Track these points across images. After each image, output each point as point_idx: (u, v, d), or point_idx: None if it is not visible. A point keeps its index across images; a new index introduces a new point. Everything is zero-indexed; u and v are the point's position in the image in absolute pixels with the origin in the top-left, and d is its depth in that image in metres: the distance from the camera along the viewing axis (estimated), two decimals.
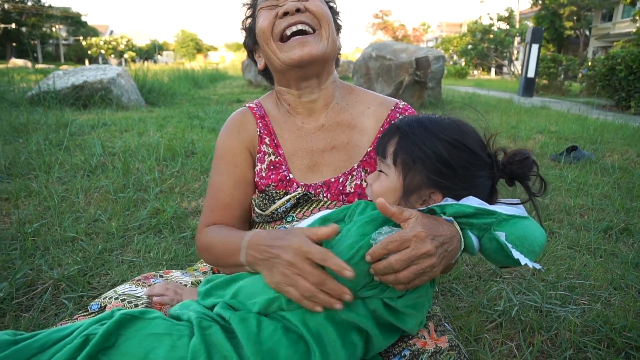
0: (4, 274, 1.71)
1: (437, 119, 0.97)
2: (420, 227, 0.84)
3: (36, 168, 2.97)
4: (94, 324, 0.84)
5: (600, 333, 1.44)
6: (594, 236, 2.26)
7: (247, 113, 1.27)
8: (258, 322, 0.85)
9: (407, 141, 0.93)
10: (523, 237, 0.88)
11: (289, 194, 1.18)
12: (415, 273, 0.83)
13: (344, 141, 1.21)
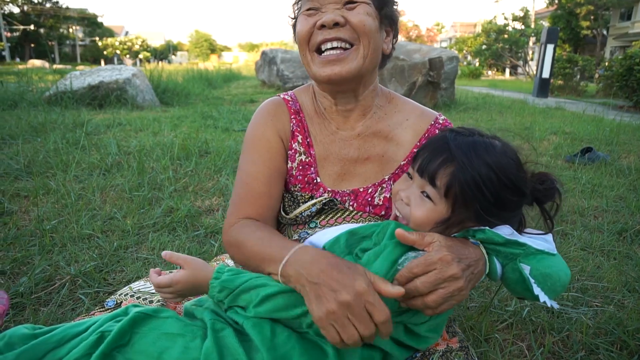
0: (24, 269, 1.75)
1: (491, 144, 0.89)
2: (446, 250, 0.82)
3: (54, 167, 3.03)
4: (109, 320, 0.88)
5: (613, 335, 1.43)
6: (607, 238, 2.24)
7: (281, 104, 1.20)
8: (272, 328, 0.85)
9: (464, 176, 0.86)
10: (547, 275, 0.87)
11: (315, 198, 1.15)
12: (443, 297, 0.81)
13: (378, 153, 1.16)
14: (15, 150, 3.37)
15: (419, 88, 7.57)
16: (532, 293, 0.87)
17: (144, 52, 52.87)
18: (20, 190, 2.59)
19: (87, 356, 0.81)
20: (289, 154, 1.17)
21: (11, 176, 2.80)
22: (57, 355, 0.83)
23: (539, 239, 0.92)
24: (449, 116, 6.84)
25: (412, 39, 52.93)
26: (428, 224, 0.90)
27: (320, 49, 1.04)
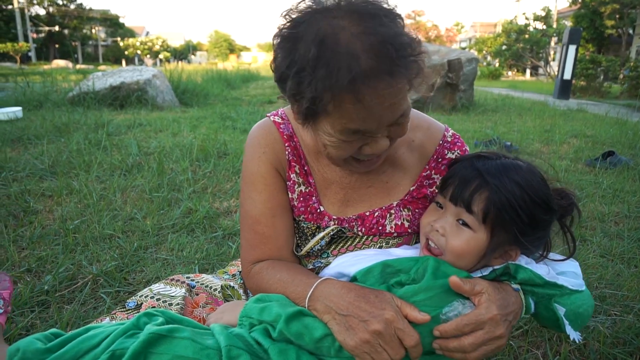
0: (48, 267, 1.81)
1: (518, 166, 0.91)
2: (495, 309, 0.83)
3: (77, 167, 3.10)
4: (121, 335, 0.88)
5: (632, 345, 1.41)
6: (628, 245, 2.21)
7: (272, 131, 1.11)
8: (297, 356, 0.86)
9: (499, 199, 0.87)
10: (579, 314, 0.91)
11: (321, 228, 1.11)
12: (485, 353, 0.83)
13: (383, 180, 1.10)
14: (40, 150, 3.46)
15: (437, 90, 7.53)
16: (561, 329, 0.90)
17: (164, 52, 53.56)
18: (45, 189, 2.66)
19: None
20: (287, 184, 1.11)
21: (36, 176, 2.88)
22: None
23: (570, 274, 0.94)
24: (467, 118, 6.82)
25: (431, 39, 52.59)
26: (468, 253, 0.90)
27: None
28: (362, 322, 0.82)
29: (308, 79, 0.78)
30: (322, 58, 0.76)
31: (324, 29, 0.77)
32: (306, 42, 0.78)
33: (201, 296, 1.31)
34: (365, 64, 0.75)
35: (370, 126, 0.84)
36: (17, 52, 36.49)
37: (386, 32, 0.77)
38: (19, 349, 0.90)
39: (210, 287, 1.36)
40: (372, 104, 0.79)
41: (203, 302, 1.29)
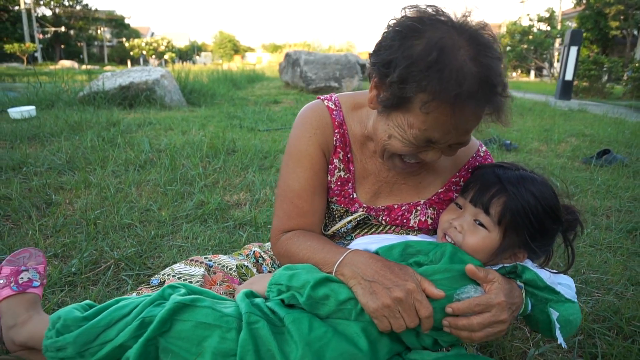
0: (73, 253, 1.95)
1: (534, 178, 1.03)
2: (503, 296, 0.94)
3: (92, 162, 3.25)
4: (149, 305, 1.00)
5: (611, 322, 1.54)
6: (616, 236, 2.33)
7: (324, 115, 1.19)
8: (310, 324, 0.96)
9: (516, 205, 0.98)
10: (569, 322, 1.03)
11: (349, 212, 1.22)
12: (488, 335, 0.93)
13: (416, 180, 1.20)
14: (57, 147, 3.61)
15: None
16: (551, 333, 1.02)
17: (169, 52, 53.82)
18: (63, 183, 2.81)
19: (133, 339, 0.95)
20: (329, 167, 1.19)
21: (55, 171, 3.02)
22: (107, 336, 0.97)
23: (565, 286, 1.06)
24: None
25: None
26: (482, 250, 1.02)
27: None
28: (385, 289, 0.92)
29: (419, 76, 0.86)
30: (439, 64, 0.85)
31: (446, 39, 0.87)
32: (427, 44, 0.86)
33: (218, 275, 1.45)
34: (470, 86, 0.85)
35: (444, 139, 0.94)
36: (24, 52, 36.76)
37: (493, 66, 0.87)
38: (60, 316, 1.03)
39: (226, 266, 1.49)
40: (459, 122, 0.90)
41: (220, 280, 1.43)
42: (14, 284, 1.19)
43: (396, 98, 0.92)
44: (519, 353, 1.40)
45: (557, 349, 1.43)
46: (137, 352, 0.93)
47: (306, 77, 10.63)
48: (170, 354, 0.94)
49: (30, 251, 1.29)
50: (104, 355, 0.96)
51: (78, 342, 0.97)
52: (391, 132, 0.98)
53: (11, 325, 1.15)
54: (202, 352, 0.93)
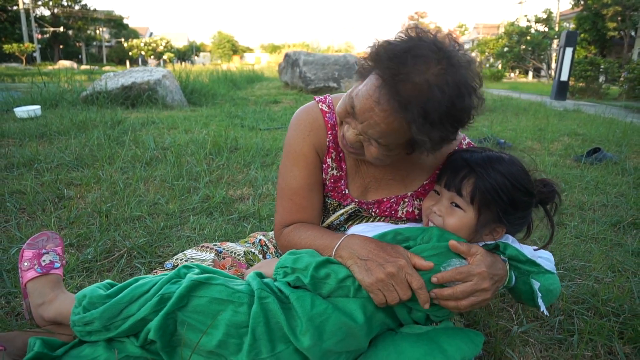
0: (87, 243, 2.07)
1: (501, 157, 1.12)
2: (484, 266, 1.05)
3: (100, 159, 3.37)
4: (166, 283, 1.11)
5: (589, 303, 1.66)
6: (601, 228, 2.46)
7: (318, 117, 1.28)
8: (312, 301, 1.07)
9: (484, 184, 1.08)
10: (550, 291, 1.14)
11: (342, 206, 1.33)
12: (473, 303, 1.04)
13: (402, 174, 1.29)
14: (65, 145, 3.73)
15: None
16: (534, 302, 1.13)
17: (168, 53, 53.87)
18: (74, 179, 2.93)
19: (154, 313, 1.06)
20: (323, 166, 1.29)
21: (65, 167, 3.14)
22: (129, 311, 1.08)
23: (545, 259, 1.18)
24: None
25: None
26: (461, 229, 1.13)
27: None
28: (379, 266, 1.03)
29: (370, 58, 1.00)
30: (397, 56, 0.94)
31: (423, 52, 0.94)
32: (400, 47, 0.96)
33: (227, 260, 1.57)
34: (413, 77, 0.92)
35: (348, 109, 1.04)
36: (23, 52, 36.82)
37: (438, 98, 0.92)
38: (85, 295, 1.16)
39: (234, 252, 1.61)
40: (360, 111, 1.00)
41: (229, 265, 1.55)
42: (38, 266, 1.30)
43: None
44: (504, 331, 1.52)
45: (540, 328, 1.55)
46: (158, 325, 1.04)
47: (305, 77, 10.75)
48: (187, 326, 1.05)
49: (48, 234, 1.39)
50: (127, 328, 1.07)
51: (104, 316, 1.08)
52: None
53: (39, 303, 1.26)
54: (217, 324, 1.03)
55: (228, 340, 1.02)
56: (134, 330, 1.09)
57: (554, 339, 1.48)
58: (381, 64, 0.95)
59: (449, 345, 1.07)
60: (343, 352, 1.06)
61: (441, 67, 0.93)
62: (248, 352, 1.00)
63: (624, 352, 1.40)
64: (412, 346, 1.07)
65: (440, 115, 0.94)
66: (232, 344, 1.02)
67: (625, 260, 2.08)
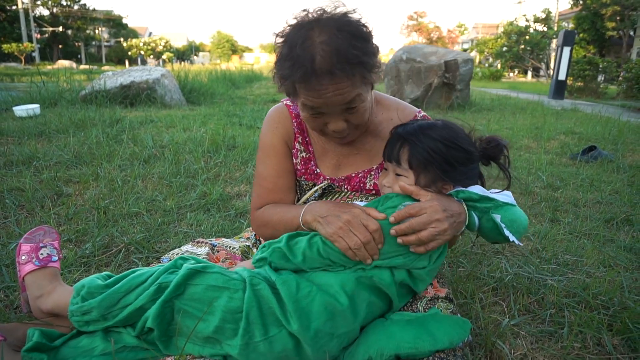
0: (85, 238, 2.09)
1: (433, 124, 1.21)
2: (435, 201, 1.12)
3: (98, 157, 3.39)
4: (163, 273, 1.15)
5: (580, 297, 1.69)
6: (595, 225, 2.48)
7: (284, 111, 1.44)
8: (297, 284, 1.12)
9: (416, 149, 1.16)
10: (513, 220, 1.15)
11: (317, 185, 1.44)
12: (432, 234, 1.09)
13: (367, 148, 1.41)
14: (64, 143, 3.75)
15: (435, 89, 7.81)
16: (503, 236, 1.15)
17: (167, 52, 53.88)
18: (72, 176, 2.95)
19: (151, 302, 1.08)
20: (292, 152, 1.43)
21: (64, 165, 3.17)
22: (127, 301, 1.11)
23: (502, 195, 1.21)
24: (462, 116, 7.09)
25: (433, 40, 52.78)
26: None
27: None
28: (336, 217, 1.13)
29: (280, 68, 1.13)
30: (290, 56, 1.09)
31: (296, 37, 1.09)
32: (286, 44, 1.12)
33: (221, 253, 1.60)
34: (318, 64, 1.06)
35: (322, 108, 1.15)
36: (22, 52, 36.81)
37: (340, 44, 1.07)
38: (84, 285, 1.18)
39: (229, 247, 1.64)
40: (320, 92, 1.10)
41: (223, 257, 1.58)
42: (36, 259, 1.32)
43: (287, 91, 1.19)
44: (495, 323, 1.54)
45: (531, 321, 1.58)
46: (156, 312, 1.06)
47: None
48: (184, 314, 1.08)
49: (44, 229, 1.42)
50: (125, 317, 1.10)
51: (102, 305, 1.10)
52: (302, 115, 1.23)
53: (38, 295, 1.29)
54: (213, 311, 1.06)
55: (224, 325, 1.05)
56: (131, 320, 1.11)
57: (544, 332, 1.51)
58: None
59: (438, 330, 1.10)
60: (334, 335, 1.09)
61: (329, 29, 1.09)
62: (242, 336, 1.03)
63: (612, 343, 1.42)
64: (401, 330, 1.10)
65: (348, 56, 1.08)
66: (229, 329, 1.05)
67: (617, 255, 2.11)
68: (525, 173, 3.54)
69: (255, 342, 1.03)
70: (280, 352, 1.05)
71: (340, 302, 1.10)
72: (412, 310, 1.26)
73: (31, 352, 1.07)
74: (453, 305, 1.33)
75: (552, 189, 3.20)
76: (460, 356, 1.13)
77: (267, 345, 1.04)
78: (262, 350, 1.04)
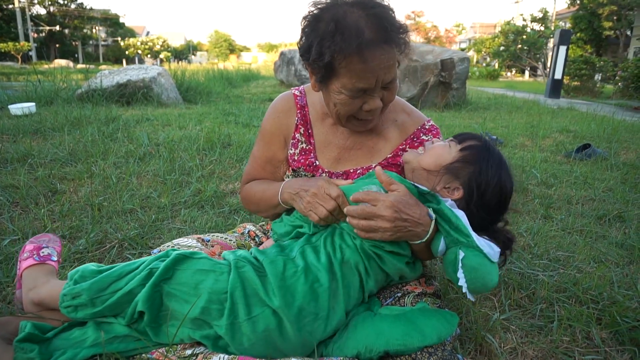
0: (79, 235, 2.09)
1: (504, 165, 1.22)
2: (394, 198, 1.10)
3: (93, 155, 3.39)
4: (155, 260, 1.18)
5: (570, 292, 1.70)
6: (587, 221, 2.50)
7: (290, 100, 1.47)
8: (284, 264, 1.16)
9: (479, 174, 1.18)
10: (474, 269, 1.09)
11: (315, 177, 1.44)
12: (367, 226, 1.10)
13: (369, 145, 1.41)
14: (59, 141, 3.75)
15: (431, 88, 7.82)
16: (455, 277, 1.11)
17: (165, 52, 53.77)
18: (67, 174, 2.95)
19: (141, 286, 1.11)
20: (292, 142, 1.45)
21: (58, 162, 3.16)
22: (118, 286, 1.13)
23: (485, 243, 1.13)
24: (458, 115, 7.13)
25: (430, 40, 52.82)
26: (435, 157, 1.24)
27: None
28: (305, 191, 1.21)
29: (327, 44, 1.10)
30: (338, 29, 1.08)
31: (339, 12, 1.11)
32: (327, 21, 1.11)
33: (216, 247, 1.60)
34: (368, 35, 1.08)
35: (371, 83, 1.15)
36: (19, 51, 36.69)
37: (384, 15, 1.11)
38: (78, 270, 1.21)
39: (224, 237, 1.65)
40: (372, 65, 1.11)
41: (219, 252, 1.58)
42: (36, 256, 1.37)
43: (323, 70, 1.16)
44: (486, 317, 1.56)
45: (522, 315, 1.59)
46: (145, 296, 1.08)
47: (300, 75, 10.78)
48: (173, 297, 1.10)
49: (50, 236, 1.48)
50: (114, 302, 1.11)
51: (92, 288, 1.12)
52: (334, 101, 1.23)
53: (31, 287, 1.30)
54: (200, 293, 1.09)
55: (210, 306, 1.08)
56: (120, 306, 1.12)
57: (534, 326, 1.52)
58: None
59: (426, 326, 1.11)
60: (319, 315, 1.11)
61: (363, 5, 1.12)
62: (228, 316, 1.06)
63: (600, 337, 1.43)
64: (390, 327, 1.11)
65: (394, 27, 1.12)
66: (215, 310, 1.08)
67: (609, 251, 2.12)
68: (520, 170, 3.55)
69: (239, 321, 1.06)
70: (264, 332, 1.07)
71: (321, 282, 1.13)
72: (400, 304, 1.27)
73: (23, 343, 1.08)
74: (440, 301, 1.34)
75: (545, 186, 3.21)
76: (450, 350, 1.14)
77: (250, 324, 1.06)
78: (245, 330, 1.06)
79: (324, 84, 1.22)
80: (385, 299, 1.33)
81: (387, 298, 1.33)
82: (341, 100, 1.20)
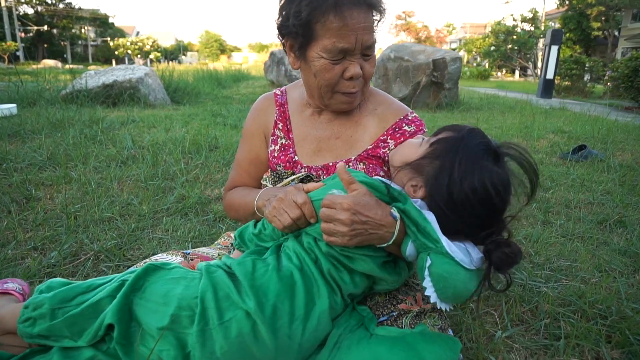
0: (52, 246, 1.96)
1: (487, 160, 1.03)
2: (350, 201, 1.00)
3: (74, 159, 3.24)
4: (128, 273, 1.10)
5: (576, 305, 1.60)
6: (588, 227, 2.40)
7: (270, 99, 1.47)
8: (253, 264, 1.09)
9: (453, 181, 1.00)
10: (443, 278, 0.96)
11: (295, 174, 1.38)
12: (328, 230, 1.01)
13: (348, 134, 1.37)
14: (38, 144, 3.60)
15: (423, 88, 7.73)
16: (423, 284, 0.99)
17: (155, 52, 53.36)
18: (44, 179, 2.80)
19: (110, 297, 1.02)
20: (272, 139, 1.43)
21: (36, 167, 3.02)
22: (84, 298, 1.04)
23: (463, 249, 1.00)
24: (451, 115, 7.04)
25: (421, 39, 52.90)
26: (404, 155, 1.16)
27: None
28: (274, 198, 1.16)
29: (305, 2, 1.10)
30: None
31: None
32: None
33: (196, 261, 1.48)
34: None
35: (351, 42, 1.12)
36: (5, 51, 36.18)
37: None
38: (48, 282, 1.13)
39: (206, 252, 1.54)
40: (351, 23, 1.09)
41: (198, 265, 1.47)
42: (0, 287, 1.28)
43: (301, 37, 1.16)
44: (487, 336, 1.45)
45: (525, 332, 1.48)
46: (115, 308, 0.99)
47: (291, 75, 10.66)
48: (142, 308, 1.01)
49: (17, 280, 1.38)
50: (77, 314, 1.01)
51: (56, 297, 1.04)
52: (315, 69, 1.19)
53: None
54: (169, 301, 1.00)
55: (180, 313, 0.98)
56: (83, 320, 1.02)
57: (539, 344, 1.41)
58: None
59: (428, 353, 1.00)
60: (295, 316, 1.02)
61: None
62: (198, 323, 0.97)
63: (611, 357, 1.33)
64: (388, 352, 1.00)
65: None
66: (185, 317, 0.98)
67: (612, 259, 2.03)
68: (515, 173, 3.45)
69: (210, 327, 0.97)
70: (237, 337, 0.96)
71: (295, 280, 1.05)
72: (398, 325, 1.16)
73: None
74: (442, 321, 1.23)
75: (543, 189, 3.12)
76: None
77: (222, 330, 0.97)
78: (217, 337, 0.96)
79: (303, 53, 1.20)
80: (378, 316, 1.22)
81: (380, 316, 1.22)
82: (321, 66, 1.17)
